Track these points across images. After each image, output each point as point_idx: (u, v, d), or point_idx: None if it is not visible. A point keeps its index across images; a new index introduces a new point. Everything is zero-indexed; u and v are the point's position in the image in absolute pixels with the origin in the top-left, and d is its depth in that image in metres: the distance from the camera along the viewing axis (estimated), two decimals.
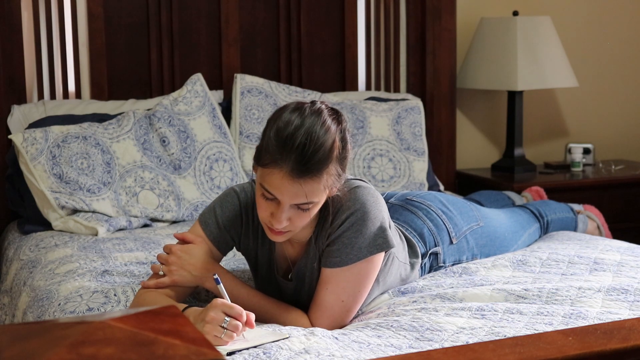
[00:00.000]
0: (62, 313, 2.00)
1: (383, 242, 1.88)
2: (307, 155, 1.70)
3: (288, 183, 1.71)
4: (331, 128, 1.74)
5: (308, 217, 1.79)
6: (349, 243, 1.85)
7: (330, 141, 1.73)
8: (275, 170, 1.71)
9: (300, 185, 1.71)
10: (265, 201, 1.77)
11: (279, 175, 1.71)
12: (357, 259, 1.86)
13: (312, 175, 1.71)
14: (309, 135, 1.70)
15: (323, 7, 3.48)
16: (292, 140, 1.70)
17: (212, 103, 3.13)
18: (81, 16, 3.18)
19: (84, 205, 2.76)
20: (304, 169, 1.70)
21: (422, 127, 3.35)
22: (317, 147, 1.70)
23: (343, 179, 1.83)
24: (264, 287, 2.00)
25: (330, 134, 1.74)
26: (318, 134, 1.71)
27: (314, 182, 1.72)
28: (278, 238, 1.82)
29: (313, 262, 1.92)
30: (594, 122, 4.01)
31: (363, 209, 1.85)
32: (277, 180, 1.71)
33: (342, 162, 1.78)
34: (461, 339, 1.71)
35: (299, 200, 1.73)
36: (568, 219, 2.80)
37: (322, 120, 1.74)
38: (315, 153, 1.70)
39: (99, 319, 1.02)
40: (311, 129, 1.71)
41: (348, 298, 1.88)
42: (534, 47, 3.50)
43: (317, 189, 1.74)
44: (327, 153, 1.72)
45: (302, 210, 1.76)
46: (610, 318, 1.81)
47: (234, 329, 1.66)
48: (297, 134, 1.70)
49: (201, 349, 0.99)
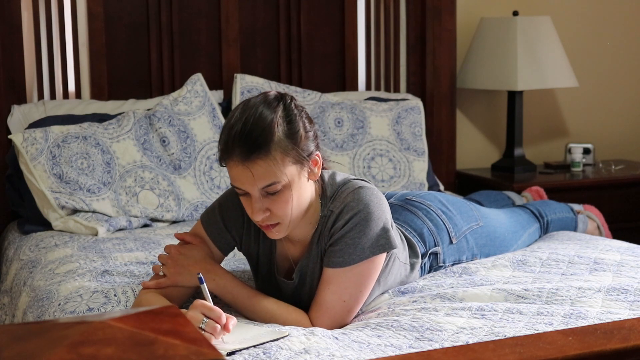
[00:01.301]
0: (62, 313, 2.00)
1: (386, 242, 1.88)
2: (244, 137, 1.73)
3: (241, 169, 1.74)
4: (269, 107, 1.78)
5: (285, 203, 1.78)
6: (352, 243, 1.85)
7: (267, 119, 1.76)
8: (229, 162, 1.76)
9: (249, 168, 1.73)
10: (243, 199, 1.80)
11: (233, 166, 1.76)
12: (360, 260, 1.86)
13: (258, 154, 1.73)
14: (245, 119, 1.75)
15: (323, 7, 3.48)
16: (233, 129, 1.75)
17: (212, 103, 3.13)
18: (81, 16, 3.18)
19: (84, 205, 2.76)
20: (247, 150, 1.73)
21: (422, 127, 3.35)
22: (253, 126, 1.74)
23: (315, 158, 1.83)
24: (264, 287, 2.00)
25: (266, 113, 1.76)
26: (254, 116, 1.75)
27: (262, 162, 1.74)
28: (273, 234, 1.83)
29: (315, 262, 1.92)
30: (594, 122, 4.01)
31: (367, 210, 1.85)
32: (233, 170, 1.76)
33: (294, 137, 1.78)
34: (461, 339, 1.71)
35: (259, 183, 1.75)
36: (568, 219, 2.80)
37: (259, 102, 1.78)
38: (251, 132, 1.73)
39: (99, 319, 1.02)
40: (248, 113, 1.76)
41: (350, 298, 1.88)
42: (534, 47, 3.50)
43: (271, 168, 1.74)
44: (266, 130, 1.74)
45: (273, 194, 1.77)
46: (610, 318, 1.81)
47: (212, 330, 1.67)
48: (237, 121, 1.75)
49: (201, 349, 0.99)
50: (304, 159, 1.80)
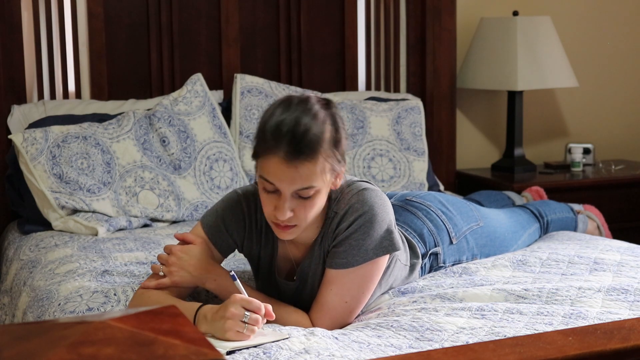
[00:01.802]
0: (62, 313, 2.00)
1: (389, 244, 1.88)
2: (298, 137, 1.72)
3: (285, 167, 1.72)
4: (320, 112, 1.77)
5: (312, 209, 1.78)
6: (356, 245, 1.85)
7: (319, 123, 1.75)
8: (271, 157, 1.74)
9: (296, 168, 1.72)
10: (267, 195, 1.78)
11: (274, 161, 1.73)
12: (363, 261, 1.86)
13: (306, 156, 1.73)
14: (297, 119, 1.74)
15: (323, 7, 3.48)
16: (282, 126, 1.73)
17: (212, 103, 3.13)
18: (81, 16, 3.18)
19: (84, 205, 2.76)
20: (297, 150, 1.72)
21: (422, 127, 3.35)
22: (306, 128, 1.73)
23: (343, 169, 1.83)
24: (265, 288, 2.00)
25: (319, 117, 1.76)
26: (306, 119, 1.74)
27: (309, 164, 1.73)
28: (286, 235, 1.82)
29: (317, 263, 1.92)
30: (594, 122, 4.01)
31: (371, 212, 1.85)
32: (274, 166, 1.73)
33: (337, 146, 1.79)
34: (461, 339, 1.71)
35: (297, 185, 1.74)
36: (568, 219, 2.80)
37: (310, 105, 1.77)
38: (306, 134, 1.72)
39: (99, 319, 1.02)
40: (300, 114, 1.75)
41: (352, 299, 1.89)
42: (534, 47, 3.50)
43: (314, 172, 1.74)
44: (318, 134, 1.74)
45: (304, 198, 1.76)
46: (610, 318, 1.81)
47: (255, 322, 1.68)
48: (287, 119, 1.74)
49: (201, 349, 0.99)
50: (338, 169, 1.80)
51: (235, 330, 1.67)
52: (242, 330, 1.67)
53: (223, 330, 1.68)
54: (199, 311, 1.75)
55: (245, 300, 1.70)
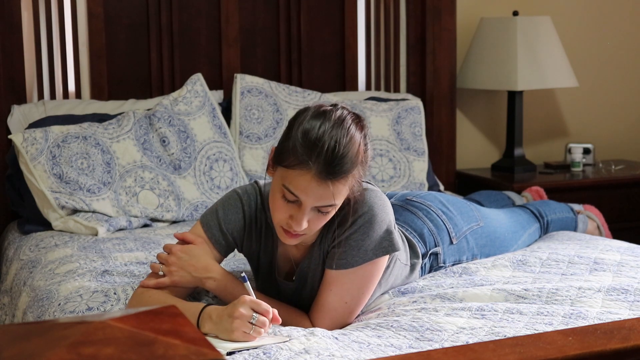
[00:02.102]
0: (62, 313, 2.00)
1: (389, 245, 1.88)
2: (337, 158, 1.71)
3: (316, 184, 1.72)
4: (356, 133, 1.77)
5: (324, 220, 1.80)
6: (356, 245, 1.85)
7: (356, 145, 1.75)
8: (303, 171, 1.72)
9: (327, 186, 1.72)
10: (285, 203, 1.77)
11: (307, 177, 1.72)
12: (363, 262, 1.86)
13: (341, 177, 1.73)
14: (338, 139, 1.72)
15: (323, 7, 3.48)
16: (321, 143, 1.71)
17: (212, 103, 3.13)
18: (81, 16, 3.18)
19: (84, 205, 2.76)
20: (333, 171, 1.71)
21: (422, 127, 3.35)
22: (345, 150, 1.73)
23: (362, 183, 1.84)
24: (264, 288, 2.00)
25: (355, 139, 1.76)
26: (346, 138, 1.74)
27: (340, 184, 1.74)
28: (292, 241, 1.82)
29: (317, 264, 1.92)
30: (594, 122, 4.01)
31: (371, 212, 1.85)
32: (305, 181, 1.72)
33: (364, 167, 1.80)
34: (461, 339, 1.71)
35: (323, 202, 1.74)
36: (568, 219, 2.80)
37: (348, 125, 1.76)
38: (344, 156, 1.72)
39: (99, 319, 1.02)
40: (339, 133, 1.73)
41: (351, 300, 1.89)
42: (534, 47, 3.50)
43: (343, 191, 1.76)
44: (354, 156, 1.75)
45: (322, 213, 1.77)
46: (610, 318, 1.81)
47: (262, 325, 1.69)
48: (326, 136, 1.72)
49: (201, 349, 0.99)
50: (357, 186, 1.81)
51: (242, 330, 1.67)
52: (248, 332, 1.68)
53: (230, 330, 1.68)
54: (204, 311, 1.75)
55: (254, 302, 1.70)
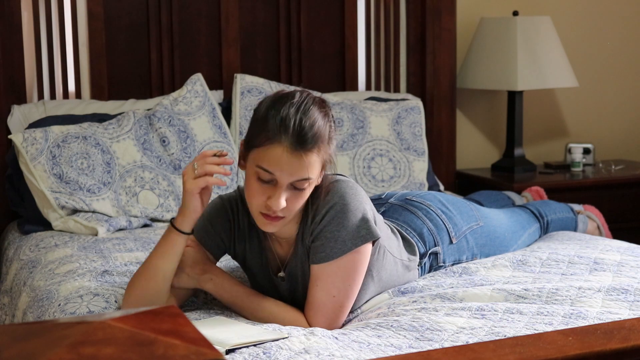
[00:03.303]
0: (62, 313, 2.00)
1: (367, 233, 1.88)
2: (306, 128, 1.76)
3: (289, 156, 1.75)
4: (320, 110, 1.82)
5: (301, 200, 1.81)
6: (332, 237, 1.85)
7: (321, 120, 1.80)
8: (274, 146, 1.76)
9: (300, 158, 1.75)
10: (260, 186, 1.79)
11: (278, 151, 1.75)
12: (343, 252, 1.86)
13: (311, 147, 1.76)
14: (304, 112, 1.78)
15: (323, 7, 3.48)
16: (290, 117, 1.77)
17: (212, 103, 3.13)
18: (81, 16, 3.18)
19: (84, 205, 2.76)
20: (304, 141, 1.75)
21: (422, 127, 3.35)
22: (312, 121, 1.78)
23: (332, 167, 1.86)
24: (259, 289, 2.01)
25: (320, 114, 1.81)
26: (311, 112, 1.79)
27: (313, 154, 1.77)
28: (271, 227, 1.83)
29: (303, 261, 1.92)
30: (594, 122, 4.01)
31: (342, 202, 1.85)
32: (277, 155, 1.75)
33: (331, 143, 1.83)
34: (461, 339, 1.71)
35: (297, 175, 1.76)
36: (568, 219, 2.80)
37: (311, 102, 1.81)
38: (312, 126, 1.77)
39: (99, 319, 1.02)
40: (305, 107, 1.79)
41: (339, 293, 1.88)
42: (534, 47, 3.50)
43: (314, 164, 1.78)
44: (322, 128, 1.79)
45: (298, 190, 1.78)
46: (610, 318, 1.81)
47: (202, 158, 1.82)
48: (292, 112, 1.78)
49: (201, 349, 0.99)
50: (328, 165, 1.84)
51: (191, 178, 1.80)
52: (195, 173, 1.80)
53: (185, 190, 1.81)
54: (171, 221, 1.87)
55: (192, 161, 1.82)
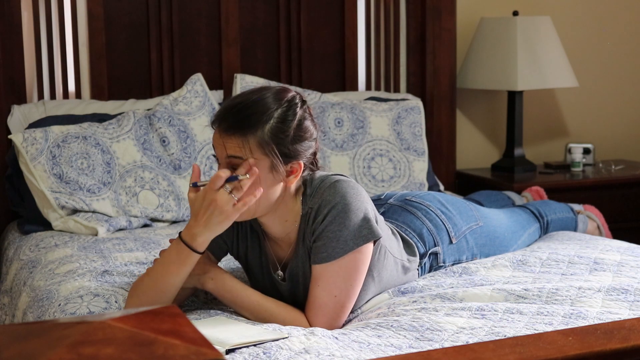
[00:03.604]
0: (62, 313, 2.00)
1: (368, 232, 1.88)
2: (233, 111, 1.79)
3: (217, 138, 1.81)
4: (275, 100, 1.82)
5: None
6: (334, 237, 1.85)
7: (263, 108, 1.80)
8: (214, 128, 1.83)
9: (225, 139, 1.79)
10: None
11: (215, 134, 1.82)
12: (344, 252, 1.86)
13: (234, 132, 1.78)
14: (246, 98, 1.81)
15: (323, 7, 3.48)
16: (230, 101, 1.83)
17: (212, 103, 3.13)
18: (81, 16, 3.18)
19: (84, 205, 2.76)
20: (227, 126, 1.79)
21: (422, 127, 3.35)
22: (247, 107, 1.79)
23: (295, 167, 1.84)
24: (259, 288, 2.00)
25: (266, 103, 1.81)
26: (256, 99, 1.81)
27: (237, 139, 1.78)
28: None
29: (304, 261, 1.92)
30: (594, 122, 4.01)
31: (343, 202, 1.85)
32: (214, 137, 1.83)
33: (276, 137, 1.80)
34: (461, 339, 1.71)
35: (227, 152, 1.79)
36: (568, 219, 2.80)
37: (269, 93, 1.83)
38: (242, 110, 1.79)
39: (99, 319, 1.02)
40: (254, 96, 1.82)
41: (340, 293, 1.88)
42: (534, 47, 3.50)
43: (241, 147, 1.78)
44: (257, 116, 1.79)
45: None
46: (610, 318, 1.81)
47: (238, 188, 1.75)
48: (238, 97, 1.83)
49: (201, 349, 0.99)
50: (276, 160, 1.81)
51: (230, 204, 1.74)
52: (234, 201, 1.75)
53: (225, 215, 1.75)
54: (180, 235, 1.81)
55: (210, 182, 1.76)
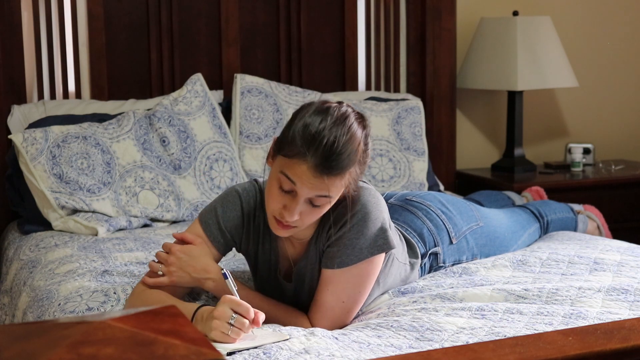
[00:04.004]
0: (62, 313, 2.00)
1: (384, 243, 1.88)
2: (334, 154, 1.72)
3: (311, 176, 1.72)
4: (357, 132, 1.77)
5: (317, 215, 1.79)
6: (350, 244, 1.85)
7: (355, 144, 1.75)
8: (300, 161, 1.73)
9: (323, 180, 1.72)
10: (280, 193, 1.77)
11: (303, 167, 1.72)
12: (358, 260, 1.86)
13: (337, 173, 1.73)
14: (337, 136, 1.73)
15: (323, 7, 3.48)
16: (320, 137, 1.72)
17: (212, 103, 3.13)
18: (81, 16, 3.18)
19: (84, 205, 2.76)
20: (330, 166, 1.72)
21: (422, 127, 3.35)
22: (344, 148, 1.73)
23: (358, 182, 1.84)
24: (263, 288, 2.00)
25: (356, 137, 1.76)
26: (346, 136, 1.74)
27: (336, 180, 1.74)
28: (283, 232, 1.82)
29: (313, 263, 1.91)
30: (594, 122, 4.01)
31: (364, 210, 1.85)
32: (300, 171, 1.73)
33: (362, 166, 1.80)
34: (461, 339, 1.71)
35: (317, 192, 1.74)
36: (568, 219, 2.80)
37: (350, 122, 1.76)
38: (342, 153, 1.72)
39: (99, 319, 1.02)
40: (340, 130, 1.73)
41: (349, 299, 1.88)
42: (534, 47, 3.50)
43: (339, 187, 1.76)
44: (352, 155, 1.74)
45: (315, 206, 1.77)
46: (610, 318, 1.81)
47: (241, 326, 1.66)
48: (326, 132, 1.72)
49: (201, 349, 0.99)
50: (356, 183, 1.81)
51: (220, 330, 1.66)
52: (226, 332, 1.66)
53: (209, 329, 1.68)
54: (197, 311, 1.75)
55: (234, 302, 1.68)
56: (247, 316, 1.67)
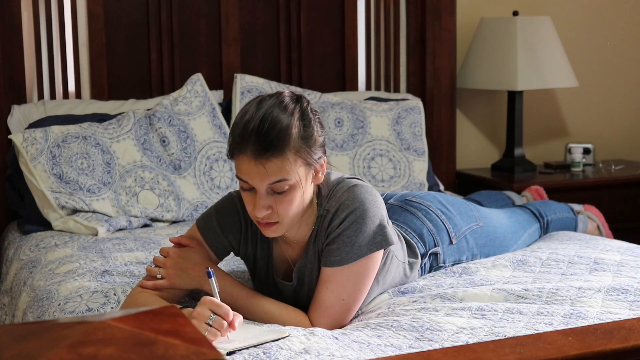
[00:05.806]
0: (62, 313, 2.00)
1: (382, 239, 1.88)
2: (262, 135, 1.74)
3: (253, 165, 1.75)
4: (287, 108, 1.79)
5: (289, 204, 1.79)
6: (349, 242, 1.85)
7: (286, 120, 1.77)
8: (241, 156, 1.76)
9: (264, 164, 1.74)
10: (246, 194, 1.80)
11: (244, 160, 1.76)
12: (357, 257, 1.86)
13: (273, 152, 1.74)
14: (263, 117, 1.76)
15: (323, 7, 3.48)
16: (247, 126, 1.76)
17: (212, 103, 3.13)
18: (81, 16, 3.18)
19: (84, 205, 2.76)
20: (263, 148, 1.73)
21: (422, 127, 3.35)
22: (271, 125, 1.75)
23: (322, 162, 1.84)
24: (262, 290, 2.00)
25: (285, 114, 1.78)
26: (272, 115, 1.76)
27: (277, 160, 1.75)
28: (270, 232, 1.83)
29: (313, 262, 1.92)
30: (594, 122, 4.01)
31: (362, 207, 1.85)
32: (244, 164, 1.76)
33: (308, 141, 1.80)
34: (461, 339, 1.71)
35: (268, 180, 1.75)
36: (568, 219, 2.80)
37: (277, 102, 1.79)
38: (270, 131, 1.74)
39: (99, 319, 1.02)
40: (266, 112, 1.77)
41: (348, 297, 1.89)
42: (534, 47, 3.50)
43: (283, 167, 1.76)
44: (284, 130, 1.75)
45: (279, 194, 1.77)
46: (610, 318, 1.81)
47: (219, 327, 1.67)
48: (253, 118, 1.76)
49: (201, 349, 0.99)
50: (313, 162, 1.81)
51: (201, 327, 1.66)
52: (203, 333, 1.64)
53: None
54: None
55: (214, 303, 1.69)
56: (225, 318, 1.68)
